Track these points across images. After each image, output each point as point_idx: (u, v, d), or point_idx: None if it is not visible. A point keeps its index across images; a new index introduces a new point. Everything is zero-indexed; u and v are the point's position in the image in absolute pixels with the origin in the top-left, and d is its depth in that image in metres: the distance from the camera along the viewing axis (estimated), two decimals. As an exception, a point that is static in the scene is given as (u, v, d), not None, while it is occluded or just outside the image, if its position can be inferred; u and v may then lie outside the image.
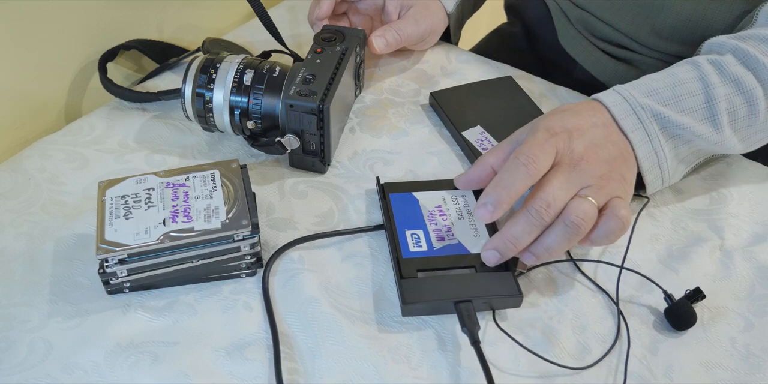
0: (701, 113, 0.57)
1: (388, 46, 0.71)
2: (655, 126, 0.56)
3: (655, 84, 0.58)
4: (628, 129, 0.56)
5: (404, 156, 0.67)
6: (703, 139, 0.57)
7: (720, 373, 0.51)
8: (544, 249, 0.53)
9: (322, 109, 0.59)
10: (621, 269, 0.56)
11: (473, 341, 0.50)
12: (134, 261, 0.52)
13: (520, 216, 0.52)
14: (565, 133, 0.55)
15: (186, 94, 0.62)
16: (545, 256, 0.53)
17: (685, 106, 0.57)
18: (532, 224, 0.52)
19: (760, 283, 0.57)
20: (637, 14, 0.73)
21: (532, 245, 0.53)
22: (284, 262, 0.57)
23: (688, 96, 0.57)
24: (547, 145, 0.54)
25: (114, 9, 0.72)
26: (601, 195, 0.53)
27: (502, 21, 1.01)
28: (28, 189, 0.63)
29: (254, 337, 0.52)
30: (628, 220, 0.53)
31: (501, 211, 0.53)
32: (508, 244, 0.52)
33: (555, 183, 0.53)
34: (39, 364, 0.50)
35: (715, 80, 0.57)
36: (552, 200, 0.52)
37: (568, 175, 0.53)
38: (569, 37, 0.84)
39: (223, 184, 0.55)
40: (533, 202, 0.52)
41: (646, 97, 0.57)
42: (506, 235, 0.53)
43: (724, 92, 0.57)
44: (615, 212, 0.53)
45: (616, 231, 0.53)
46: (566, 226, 0.52)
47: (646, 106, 0.56)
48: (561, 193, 0.52)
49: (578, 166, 0.54)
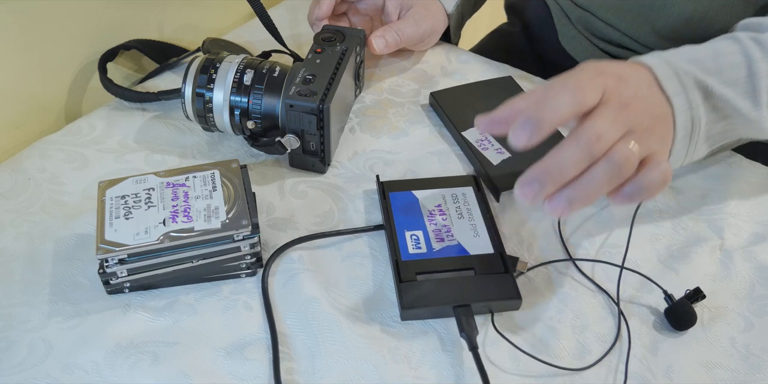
0: (743, 87, 0.54)
1: (387, 46, 0.71)
2: (697, 94, 0.53)
3: (697, 53, 0.55)
4: (672, 93, 0.52)
5: (404, 156, 0.67)
6: (742, 115, 0.55)
7: (720, 373, 0.51)
8: (583, 188, 0.47)
9: (322, 109, 0.59)
10: (621, 269, 0.56)
11: (471, 347, 0.50)
12: (134, 261, 0.52)
13: (569, 144, 0.46)
14: (615, 77, 0.50)
15: (186, 94, 0.62)
16: (581, 200, 0.47)
17: (728, 77, 0.54)
18: (581, 153, 0.46)
19: (760, 283, 0.57)
20: (637, 14, 0.73)
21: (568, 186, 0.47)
22: (284, 262, 0.57)
23: (730, 68, 0.54)
24: (596, 80, 0.49)
25: (114, 9, 0.72)
26: (643, 146, 0.48)
27: (502, 21, 1.01)
28: (28, 189, 0.63)
29: (254, 337, 0.52)
30: (669, 175, 0.48)
31: (541, 133, 0.46)
32: (553, 174, 0.46)
33: (605, 118, 0.47)
34: (39, 364, 0.50)
35: (757, 55, 0.55)
36: (603, 133, 0.46)
37: (617, 114, 0.48)
38: (570, 37, 0.84)
39: (223, 184, 0.55)
40: (584, 132, 0.46)
41: (689, 64, 0.54)
42: (551, 163, 0.46)
43: (765, 68, 0.54)
44: (657, 164, 0.48)
45: (657, 184, 0.48)
46: (610, 163, 0.46)
47: (689, 72, 0.53)
48: (611, 129, 0.47)
49: (627, 109, 0.49)
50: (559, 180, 0.46)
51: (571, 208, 0.47)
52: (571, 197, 0.47)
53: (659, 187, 0.48)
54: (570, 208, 0.47)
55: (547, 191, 0.46)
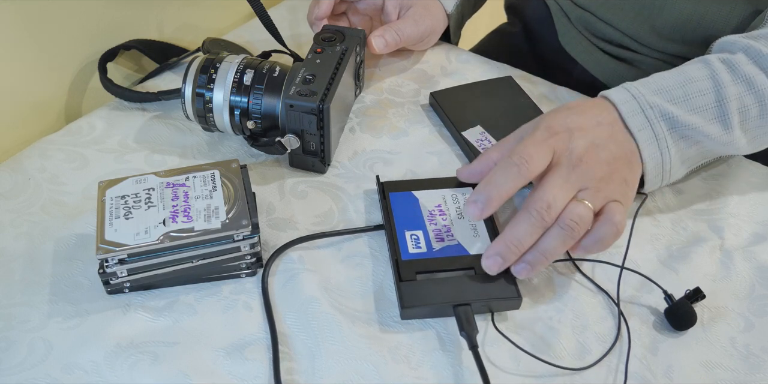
0: (711, 112, 0.56)
1: (387, 46, 0.71)
2: (663, 126, 0.55)
3: (665, 82, 0.57)
4: (635, 128, 0.55)
5: (404, 156, 0.67)
6: (712, 139, 0.56)
7: (720, 373, 0.51)
8: (540, 253, 0.52)
9: (322, 109, 0.59)
10: (621, 269, 0.56)
11: (471, 346, 0.50)
12: (134, 261, 0.52)
13: (522, 218, 0.52)
14: (566, 133, 0.54)
15: (186, 94, 0.62)
16: (541, 262, 0.52)
17: (696, 104, 0.56)
18: (533, 225, 0.51)
19: (760, 283, 0.57)
20: (637, 14, 0.73)
21: (526, 253, 0.53)
22: (284, 262, 0.57)
23: (698, 94, 0.56)
24: (545, 145, 0.53)
25: (114, 9, 0.72)
26: (598, 198, 0.53)
27: (502, 21, 1.01)
28: (28, 189, 0.63)
29: (254, 337, 0.52)
30: (623, 226, 0.52)
31: (491, 209, 0.53)
32: (510, 247, 0.52)
33: (554, 184, 0.52)
34: (39, 364, 0.50)
35: (726, 79, 0.56)
36: (552, 201, 0.51)
37: (567, 175, 0.53)
38: (569, 37, 0.84)
39: (223, 184, 0.55)
40: (533, 203, 0.52)
41: (655, 95, 0.56)
42: (508, 238, 0.52)
43: (735, 91, 0.56)
44: (610, 217, 0.52)
45: (609, 237, 0.52)
46: (561, 229, 0.51)
47: (654, 105, 0.56)
48: (560, 194, 0.52)
49: (577, 168, 0.53)
50: (518, 251, 0.52)
51: (534, 269, 0.52)
52: (532, 262, 0.52)
53: (613, 239, 0.53)
54: (533, 270, 0.52)
55: (509, 261, 0.52)
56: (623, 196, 0.54)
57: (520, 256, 0.52)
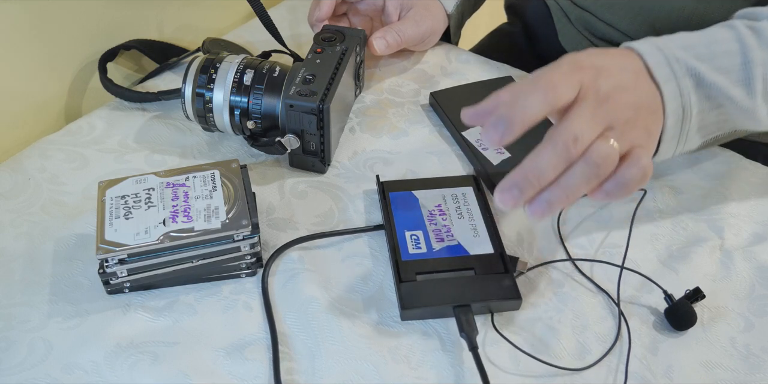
0: (737, 75, 0.54)
1: (388, 47, 0.71)
2: (688, 82, 0.53)
3: (691, 39, 0.55)
4: (662, 80, 0.52)
5: (404, 156, 0.67)
6: (735, 103, 0.54)
7: (720, 373, 0.51)
8: (561, 190, 0.47)
9: (322, 109, 0.59)
10: (621, 269, 0.56)
11: (471, 347, 0.50)
12: (134, 261, 0.52)
13: (546, 148, 0.46)
14: (593, 69, 0.50)
15: (186, 94, 0.62)
16: (561, 201, 0.47)
17: (721, 64, 0.53)
18: (559, 156, 0.46)
19: (760, 283, 0.57)
20: (637, 14, 0.73)
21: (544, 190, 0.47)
22: (284, 262, 0.57)
23: (724, 55, 0.54)
24: (572, 76, 0.49)
25: (114, 9, 0.72)
26: (623, 141, 0.48)
27: (502, 21, 1.01)
28: (28, 189, 0.63)
29: (254, 337, 0.52)
30: (650, 170, 0.48)
31: (512, 135, 0.46)
32: (531, 179, 0.46)
33: (582, 117, 0.47)
34: (39, 364, 0.50)
35: (753, 43, 0.54)
36: (579, 133, 0.46)
37: (595, 110, 0.48)
38: (569, 37, 0.84)
39: (223, 184, 0.55)
40: (559, 135, 0.46)
41: (681, 50, 0.53)
42: (529, 168, 0.46)
43: (761, 56, 0.54)
44: (636, 161, 0.48)
45: (636, 180, 0.48)
46: (587, 165, 0.46)
47: (681, 59, 0.53)
48: (588, 129, 0.47)
49: (605, 104, 0.49)
50: (537, 185, 0.46)
51: (552, 210, 0.47)
52: (551, 200, 0.47)
53: (639, 183, 0.48)
54: (550, 210, 0.47)
55: (526, 196, 0.47)
56: (647, 144, 0.51)
57: (538, 191, 0.47)
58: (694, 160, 0.66)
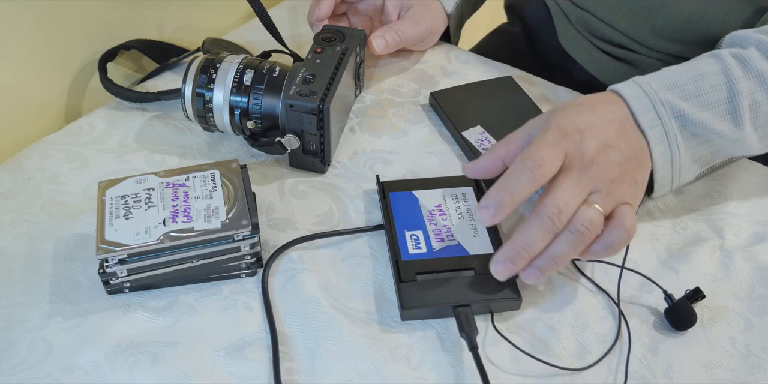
0: (723, 109, 0.55)
1: (387, 46, 0.71)
2: (674, 124, 0.54)
3: (677, 77, 0.56)
4: (647, 126, 0.54)
5: (404, 156, 0.67)
6: (722, 137, 0.55)
7: (720, 373, 0.51)
8: (550, 258, 0.51)
9: (322, 109, 0.59)
10: (622, 269, 0.56)
11: (471, 347, 0.50)
12: (134, 261, 0.52)
13: (532, 222, 0.50)
14: (578, 134, 0.53)
15: (186, 94, 0.62)
16: (551, 267, 0.51)
17: (707, 100, 0.55)
18: (544, 230, 0.50)
19: (760, 283, 0.57)
20: (637, 14, 0.73)
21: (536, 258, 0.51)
22: (284, 262, 0.57)
23: (710, 90, 0.55)
24: (557, 147, 0.52)
25: (114, 9, 0.72)
26: (608, 201, 0.51)
27: (502, 21, 1.01)
28: (28, 189, 0.63)
29: (254, 337, 0.52)
30: (633, 231, 0.51)
31: (503, 214, 0.51)
32: (521, 253, 0.50)
33: (565, 187, 0.51)
34: (39, 364, 0.50)
35: (738, 75, 0.55)
36: (563, 206, 0.50)
37: (579, 179, 0.51)
38: (569, 37, 0.84)
39: (223, 184, 0.55)
40: (544, 208, 0.50)
41: (667, 91, 0.55)
42: (518, 243, 0.50)
43: (746, 87, 0.55)
44: (621, 222, 0.51)
45: (620, 242, 0.51)
46: (572, 234, 0.50)
47: (666, 102, 0.54)
48: (571, 199, 0.50)
49: (589, 170, 0.52)
50: (528, 256, 0.51)
51: (543, 275, 0.51)
52: (541, 267, 0.51)
53: (623, 244, 0.51)
54: (542, 275, 0.51)
55: (519, 267, 0.51)
56: (633, 198, 0.53)
57: (530, 261, 0.51)
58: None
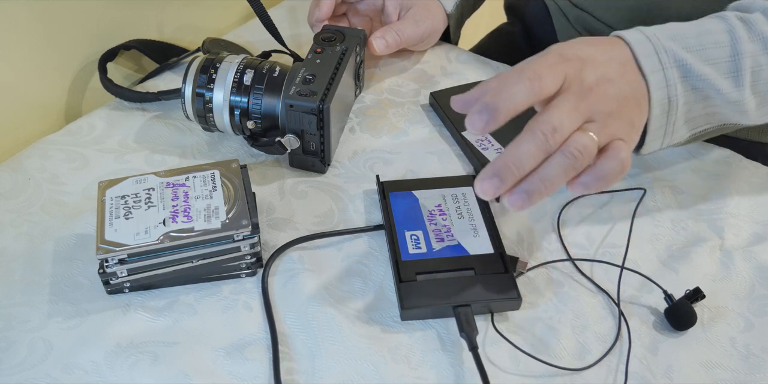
0: (725, 66, 0.54)
1: (388, 47, 0.71)
2: (675, 72, 0.53)
3: (681, 30, 0.55)
4: (648, 70, 0.52)
5: (404, 156, 0.67)
6: (722, 95, 0.54)
7: (720, 373, 0.51)
8: (540, 180, 0.47)
9: (322, 109, 0.59)
10: (622, 269, 0.56)
11: (471, 347, 0.50)
12: (134, 261, 0.52)
13: (525, 137, 0.47)
14: (578, 61, 0.51)
15: (186, 94, 0.62)
16: (539, 191, 0.48)
17: (710, 56, 0.54)
18: (537, 147, 0.47)
19: (760, 283, 0.57)
20: (635, 15, 0.73)
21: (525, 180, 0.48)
22: (284, 262, 0.57)
23: (714, 46, 0.54)
24: (556, 68, 0.50)
25: (114, 9, 0.72)
26: (604, 134, 0.49)
27: (502, 21, 1.01)
28: (28, 189, 0.63)
29: (254, 337, 0.52)
30: (628, 163, 0.49)
31: (496, 122, 0.47)
32: (510, 168, 0.47)
33: (562, 109, 0.48)
34: (39, 364, 0.50)
35: (743, 35, 0.54)
36: (559, 125, 0.47)
37: (576, 103, 0.49)
38: (569, 37, 0.84)
39: (223, 184, 0.55)
40: (539, 125, 0.47)
41: (670, 40, 0.54)
42: (508, 158, 0.47)
43: (750, 49, 0.54)
44: (616, 153, 0.48)
45: (614, 173, 0.49)
46: (564, 156, 0.47)
47: (669, 50, 0.53)
48: (567, 120, 0.48)
49: (587, 97, 0.49)
50: (517, 173, 0.47)
51: (530, 201, 0.48)
52: (529, 190, 0.47)
53: (617, 176, 0.48)
54: (529, 201, 0.48)
55: (506, 185, 0.47)
56: (628, 137, 0.51)
57: (518, 180, 0.48)
58: (694, 160, 0.67)
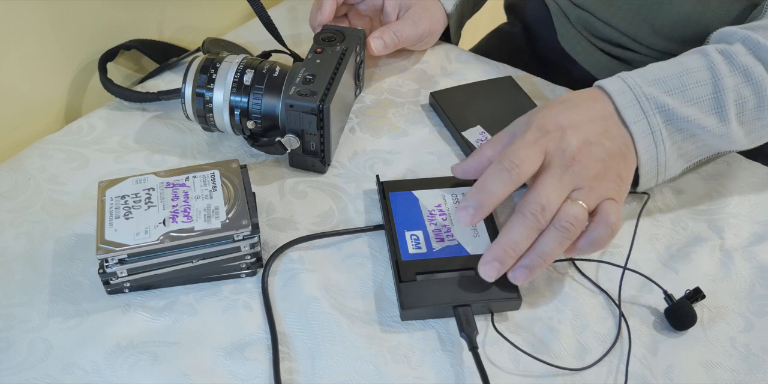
0: (708, 104, 0.55)
1: (386, 47, 0.71)
2: (658, 118, 0.54)
3: (662, 72, 0.56)
4: (630, 120, 0.54)
5: (404, 156, 0.67)
6: (708, 131, 0.55)
7: (720, 373, 0.51)
8: (538, 256, 0.51)
9: (322, 109, 0.59)
10: (624, 270, 0.56)
11: (471, 347, 0.50)
12: (134, 261, 0.52)
13: (516, 221, 0.51)
14: (558, 132, 0.53)
15: (186, 94, 0.62)
16: (539, 265, 0.51)
17: (692, 95, 0.55)
18: (529, 228, 0.51)
19: (760, 283, 0.57)
20: (636, 14, 0.73)
21: (523, 257, 0.52)
22: (284, 262, 0.57)
23: (695, 85, 0.55)
24: (536, 146, 0.53)
25: (114, 9, 0.72)
26: (592, 197, 0.52)
27: (502, 21, 1.01)
28: (28, 189, 0.63)
29: (254, 337, 0.52)
30: (617, 226, 0.52)
31: (482, 215, 0.52)
32: (508, 251, 0.51)
33: (547, 185, 0.52)
34: (39, 364, 0.50)
35: (724, 70, 0.55)
36: (546, 203, 0.51)
37: (561, 176, 0.52)
38: (569, 37, 0.84)
39: (223, 184, 0.55)
40: (527, 206, 0.51)
41: (651, 86, 0.55)
42: (504, 243, 0.51)
43: (732, 83, 0.55)
44: (605, 218, 0.52)
45: (604, 238, 0.52)
46: (557, 230, 0.51)
47: (650, 97, 0.55)
48: (554, 196, 0.51)
49: (570, 167, 0.52)
50: (515, 255, 0.51)
51: (533, 273, 0.52)
52: (529, 266, 0.52)
53: (608, 240, 0.53)
54: (531, 274, 0.52)
55: (507, 266, 0.52)
56: (617, 193, 0.53)
57: (517, 260, 0.52)
58: (694, 160, 0.66)
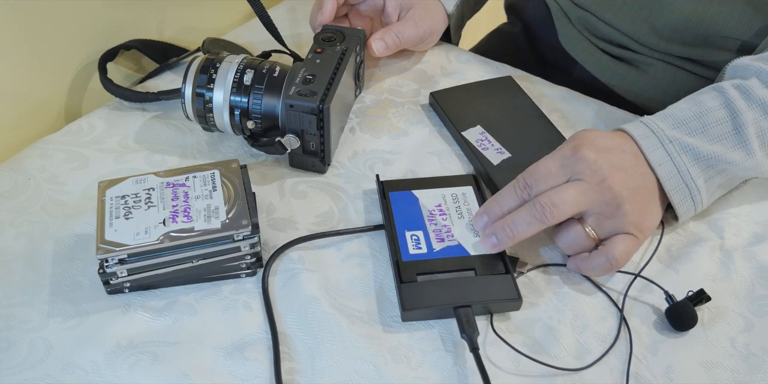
0: (731, 140, 0.56)
1: (387, 48, 0.71)
2: (684, 158, 0.55)
3: (682, 114, 0.57)
4: (656, 163, 0.55)
5: (404, 156, 0.67)
6: (736, 165, 0.56)
7: (720, 373, 0.51)
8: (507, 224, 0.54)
9: (322, 109, 0.59)
10: (635, 277, 0.56)
11: (472, 348, 0.50)
12: (134, 261, 0.52)
13: (526, 207, 0.53)
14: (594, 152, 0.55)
15: (186, 94, 0.62)
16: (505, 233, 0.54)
17: (714, 134, 0.56)
18: (537, 219, 0.53)
19: (760, 283, 0.57)
20: (637, 14, 0.73)
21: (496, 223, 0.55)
22: (284, 262, 0.57)
23: (716, 124, 0.56)
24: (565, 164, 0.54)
25: (114, 9, 0.72)
26: (605, 227, 0.54)
27: (502, 21, 1.01)
28: (28, 189, 0.63)
29: (254, 337, 0.52)
30: (617, 263, 0.54)
31: (505, 247, 0.55)
32: (507, 232, 0.54)
33: (571, 192, 0.53)
34: (39, 364, 0.50)
35: (741, 106, 0.56)
36: (561, 203, 0.52)
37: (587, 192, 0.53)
38: (569, 37, 0.84)
39: (223, 184, 0.55)
40: (542, 197, 0.53)
41: (673, 129, 0.56)
42: (508, 223, 0.54)
43: (751, 117, 0.56)
44: (608, 250, 0.53)
45: (600, 270, 0.54)
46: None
47: (674, 139, 0.56)
48: (572, 201, 0.53)
49: (600, 186, 0.53)
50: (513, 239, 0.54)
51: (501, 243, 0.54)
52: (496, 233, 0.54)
53: (603, 272, 0.55)
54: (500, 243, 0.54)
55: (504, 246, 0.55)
56: (638, 228, 0.54)
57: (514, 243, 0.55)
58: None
